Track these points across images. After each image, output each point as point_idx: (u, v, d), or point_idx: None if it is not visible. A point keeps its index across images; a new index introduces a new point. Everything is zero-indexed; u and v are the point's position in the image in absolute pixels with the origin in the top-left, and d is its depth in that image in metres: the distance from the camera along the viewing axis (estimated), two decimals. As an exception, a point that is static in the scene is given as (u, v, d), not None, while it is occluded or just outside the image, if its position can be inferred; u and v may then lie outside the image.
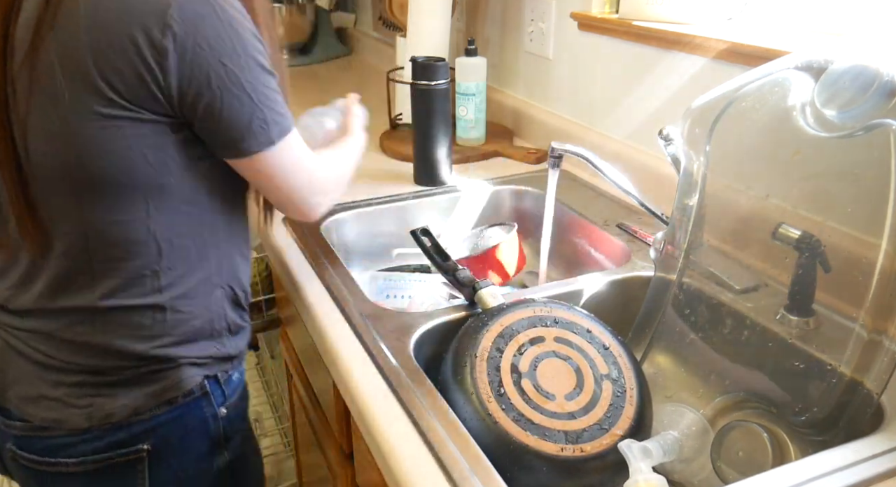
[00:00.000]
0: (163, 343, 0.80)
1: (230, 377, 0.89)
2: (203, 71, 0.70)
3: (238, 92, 0.73)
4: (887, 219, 0.63)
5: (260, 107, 0.75)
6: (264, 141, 0.77)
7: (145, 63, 0.69)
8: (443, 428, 0.68)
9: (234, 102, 0.73)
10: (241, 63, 0.72)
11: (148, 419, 0.81)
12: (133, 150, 0.72)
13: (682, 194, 0.83)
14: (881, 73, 0.62)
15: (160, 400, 0.81)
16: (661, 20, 1.14)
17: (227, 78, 0.72)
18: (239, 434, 0.92)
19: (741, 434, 0.72)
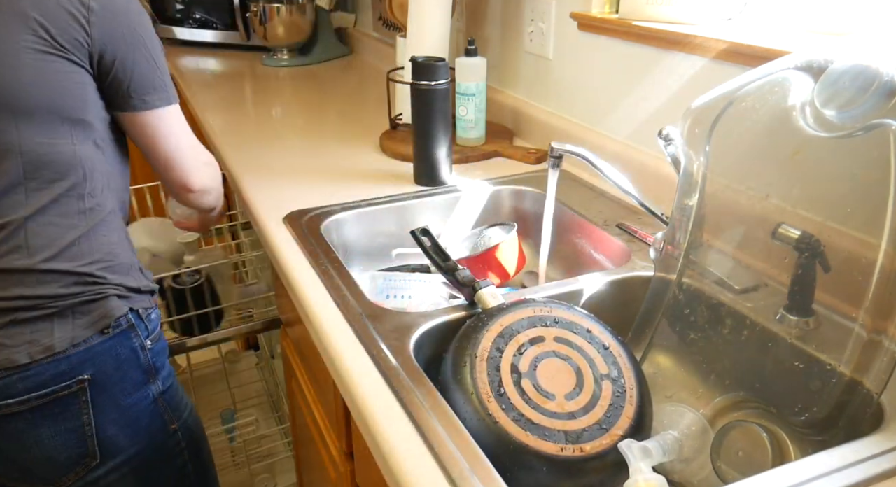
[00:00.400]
0: (90, 263, 0.90)
1: (149, 314, 1.00)
2: (119, 31, 0.89)
3: (146, 54, 0.92)
4: (887, 219, 0.63)
5: (161, 74, 0.94)
6: (165, 98, 0.95)
7: (74, 16, 0.86)
8: (443, 428, 0.68)
9: (142, 61, 0.92)
10: (150, 36, 0.93)
11: (85, 349, 0.90)
12: (60, 83, 0.87)
13: (682, 194, 0.83)
14: (881, 72, 0.62)
15: (94, 330, 0.90)
16: (661, 20, 1.14)
17: (138, 41, 0.91)
18: (165, 368, 1.03)
19: (741, 434, 0.72)
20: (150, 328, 1.00)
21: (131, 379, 0.97)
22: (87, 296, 0.91)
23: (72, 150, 0.90)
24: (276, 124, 1.74)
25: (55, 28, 0.85)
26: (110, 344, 0.93)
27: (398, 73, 1.56)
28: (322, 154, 1.48)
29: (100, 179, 0.94)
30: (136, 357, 0.97)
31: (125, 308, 0.95)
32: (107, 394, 0.94)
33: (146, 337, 0.98)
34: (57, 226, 0.89)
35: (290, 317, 1.25)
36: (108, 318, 0.92)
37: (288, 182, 1.31)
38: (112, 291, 0.93)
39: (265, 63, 2.45)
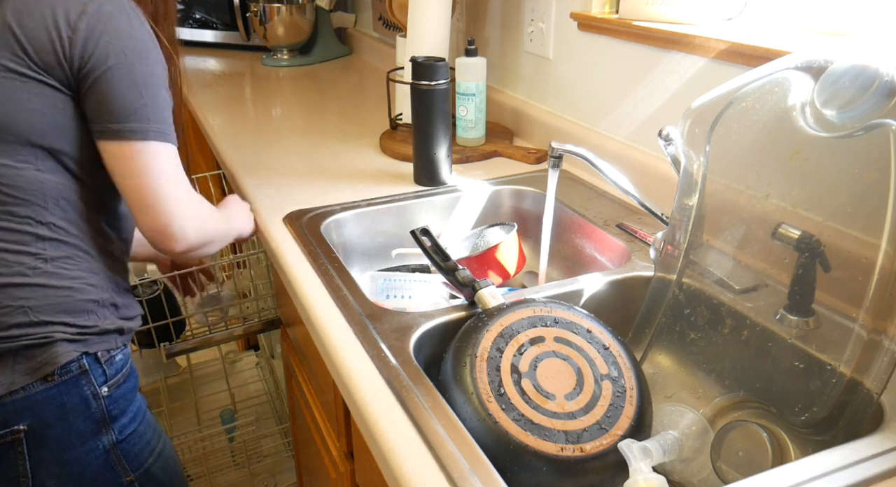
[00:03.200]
0: (37, 299, 0.81)
1: (112, 357, 0.89)
2: (103, 51, 0.80)
3: (130, 78, 0.82)
4: (887, 219, 0.63)
5: (148, 104, 0.83)
6: (140, 131, 0.82)
7: (58, 33, 0.79)
8: (443, 428, 0.68)
9: (123, 85, 0.81)
10: (143, 62, 0.83)
11: (23, 397, 0.80)
12: (31, 105, 0.81)
13: (682, 194, 0.83)
14: (881, 73, 0.62)
15: (35, 377, 0.81)
16: (661, 20, 1.14)
17: (124, 63, 0.81)
18: (127, 414, 0.92)
19: (741, 434, 0.72)
20: (111, 372, 0.89)
21: (77, 431, 0.86)
22: (29, 339, 0.81)
23: (34, 176, 0.82)
24: (276, 124, 1.74)
25: (34, 46, 0.79)
26: (54, 393, 0.83)
27: (398, 73, 1.56)
28: (322, 154, 1.48)
29: (71, 211, 0.85)
30: (87, 406, 0.86)
31: (76, 352, 0.84)
32: (46, 447, 0.84)
33: (103, 383, 0.87)
34: (7, 252, 0.81)
35: (290, 317, 1.25)
36: (52, 365, 0.82)
37: (288, 182, 1.31)
38: (60, 335, 0.83)
39: (265, 63, 2.45)
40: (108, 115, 0.82)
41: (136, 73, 0.82)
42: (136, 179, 0.83)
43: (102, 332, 0.87)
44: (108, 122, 0.82)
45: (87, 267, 0.87)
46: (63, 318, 0.83)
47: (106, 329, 0.87)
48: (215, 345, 1.45)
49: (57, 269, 0.83)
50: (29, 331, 0.81)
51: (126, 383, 0.92)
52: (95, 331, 0.86)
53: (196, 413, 1.81)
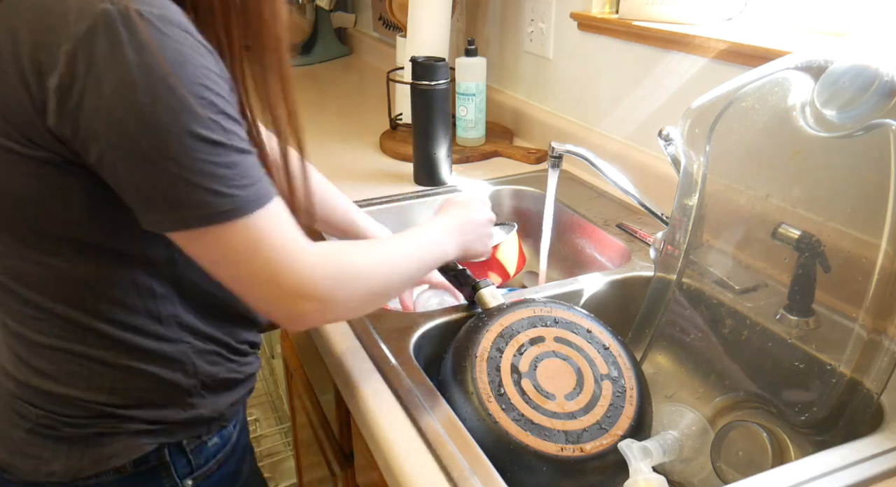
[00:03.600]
0: (101, 398, 0.68)
1: (203, 443, 0.73)
2: (92, 123, 0.54)
3: (141, 157, 0.55)
4: (887, 219, 0.63)
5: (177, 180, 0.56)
6: (176, 221, 0.58)
7: (32, 100, 0.55)
8: (443, 428, 0.68)
9: (134, 168, 0.56)
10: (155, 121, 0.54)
11: (93, 485, 0.70)
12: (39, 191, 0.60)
13: (682, 194, 0.83)
14: (881, 73, 0.62)
15: (104, 467, 0.69)
16: (661, 20, 1.14)
17: (127, 137, 0.54)
18: None
19: (741, 434, 0.72)
20: (198, 462, 0.73)
21: None
22: (97, 428, 0.68)
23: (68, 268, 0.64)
24: (276, 124, 1.74)
25: (14, 121, 0.57)
26: (127, 483, 0.70)
27: (398, 73, 1.56)
28: (322, 154, 1.48)
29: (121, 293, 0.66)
30: None
31: (154, 444, 0.70)
32: None
33: (187, 474, 0.72)
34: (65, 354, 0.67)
35: (290, 317, 1.24)
36: (125, 457, 0.69)
37: (288, 182, 1.31)
38: (134, 426, 0.69)
39: (265, 63, 2.44)
40: (134, 205, 0.59)
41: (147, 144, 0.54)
42: (212, 270, 0.63)
43: (188, 422, 0.72)
44: (138, 213, 0.60)
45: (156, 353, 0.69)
46: (133, 410, 0.69)
47: (193, 418, 0.72)
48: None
49: (114, 362, 0.68)
50: (94, 421, 0.69)
51: (221, 470, 0.76)
52: (179, 421, 0.71)
53: (196, 413, 1.81)
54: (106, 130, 0.54)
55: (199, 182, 0.56)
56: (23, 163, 0.58)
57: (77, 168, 0.58)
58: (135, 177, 0.56)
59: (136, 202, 0.59)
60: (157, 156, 0.55)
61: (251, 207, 0.59)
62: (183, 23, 0.56)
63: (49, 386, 0.68)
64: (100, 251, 0.64)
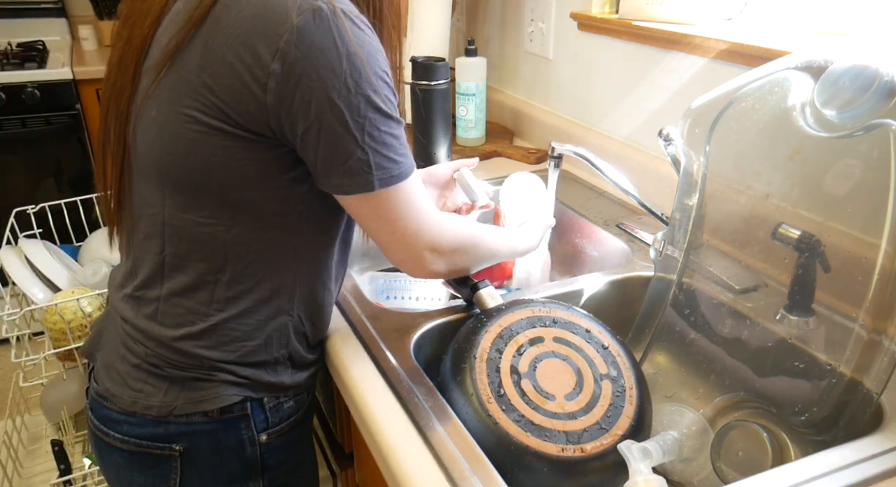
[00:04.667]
0: (208, 349, 0.78)
1: (280, 404, 0.84)
2: (305, 99, 0.67)
3: (340, 129, 0.68)
4: (887, 219, 0.63)
5: (365, 148, 0.70)
6: (363, 184, 0.71)
7: (252, 79, 0.67)
8: (443, 429, 0.68)
9: (332, 137, 0.69)
10: (353, 101, 0.68)
11: (183, 422, 0.80)
12: (220, 159, 0.71)
13: (682, 194, 0.83)
14: (881, 73, 0.62)
15: (196, 409, 0.80)
16: (661, 20, 1.14)
17: (330, 112, 0.67)
18: (284, 465, 0.87)
19: (741, 434, 0.72)
20: (274, 420, 0.83)
21: (227, 469, 0.83)
22: (195, 372, 0.79)
23: (216, 231, 0.75)
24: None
25: (223, 97, 0.68)
26: (212, 428, 0.81)
27: (398, 73, 1.56)
28: (322, 154, 1.48)
29: (257, 264, 0.77)
30: (241, 449, 0.83)
31: (239, 397, 0.80)
32: (197, 473, 0.83)
33: (263, 429, 0.83)
34: (188, 311, 0.78)
35: (290, 317, 1.25)
36: (213, 404, 0.79)
37: (288, 182, 1.31)
38: (226, 377, 0.80)
39: (265, 63, 2.44)
40: (323, 172, 0.72)
41: (346, 120, 0.68)
42: (372, 224, 0.76)
43: (272, 385, 0.83)
44: (323, 176, 0.72)
45: (264, 323, 0.80)
46: (230, 366, 0.80)
47: (276, 383, 0.83)
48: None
49: (231, 324, 0.79)
50: (195, 366, 0.79)
51: (290, 433, 0.86)
52: (265, 382, 0.82)
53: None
54: (316, 107, 0.67)
55: (379, 150, 0.71)
56: (223, 137, 0.70)
57: (274, 142, 0.71)
58: (331, 146, 0.69)
59: (325, 169, 0.71)
60: (354, 128, 0.69)
61: (409, 172, 0.74)
62: (364, 18, 0.69)
63: (163, 332, 0.78)
64: (262, 219, 0.76)
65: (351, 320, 0.86)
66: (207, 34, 0.68)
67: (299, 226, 0.78)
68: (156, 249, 0.77)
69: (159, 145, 0.73)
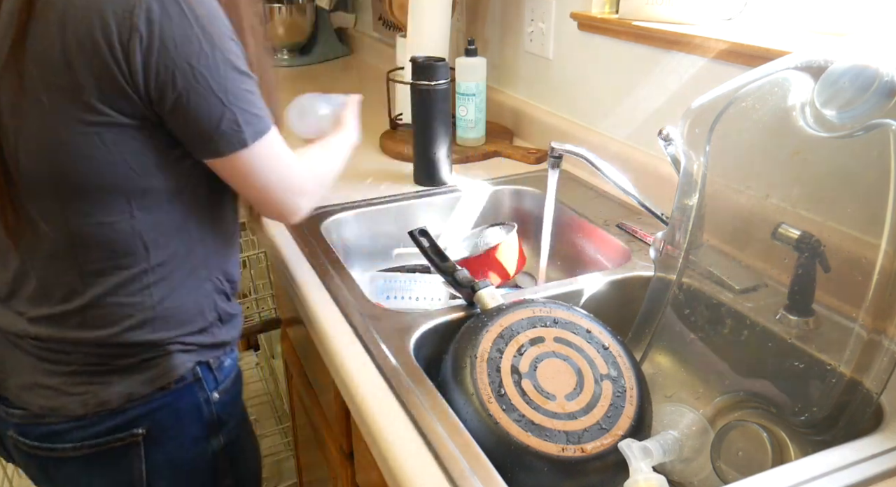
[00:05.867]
0: (154, 333, 0.82)
1: (222, 363, 0.90)
2: (169, 70, 0.70)
3: (206, 93, 0.72)
4: (887, 219, 0.63)
5: (231, 108, 0.74)
6: (236, 142, 0.76)
7: (115, 62, 0.69)
8: (443, 428, 0.68)
9: (201, 103, 0.73)
10: (210, 63, 0.72)
11: (142, 404, 0.83)
12: (114, 156, 0.73)
13: (682, 194, 0.83)
14: (881, 73, 0.62)
15: (153, 387, 0.84)
16: (661, 20, 1.14)
17: (193, 78, 0.71)
18: (233, 418, 0.94)
19: (741, 434, 0.72)
20: (221, 377, 0.90)
21: (190, 435, 0.89)
22: (148, 354, 0.83)
23: (129, 226, 0.77)
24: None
25: (99, 91, 0.70)
26: (170, 399, 0.85)
27: (398, 73, 1.56)
28: (322, 154, 1.48)
29: (173, 242, 0.82)
30: (199, 411, 0.88)
31: (191, 363, 0.86)
32: (162, 450, 0.87)
33: (214, 388, 0.89)
34: (122, 306, 0.80)
35: (290, 317, 1.25)
36: (170, 376, 0.84)
37: (288, 182, 1.31)
38: (175, 348, 0.84)
39: (265, 63, 2.45)
40: (199, 138, 0.75)
41: (209, 83, 0.72)
42: (247, 181, 0.81)
43: (213, 345, 0.89)
44: (201, 147, 0.76)
45: (197, 289, 0.85)
46: (177, 336, 0.84)
47: (216, 342, 0.89)
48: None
49: (167, 298, 0.82)
50: (146, 348, 0.83)
51: (233, 387, 0.94)
52: (206, 342, 0.88)
53: (196, 413, 1.81)
54: (180, 76, 0.71)
55: (244, 107, 0.75)
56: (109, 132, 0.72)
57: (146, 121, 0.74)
58: (201, 112, 0.73)
59: (199, 136, 0.75)
60: (218, 91, 0.73)
61: (271, 124, 0.79)
62: None
63: (99, 334, 0.80)
64: (164, 201, 0.79)
65: (351, 320, 0.86)
66: (55, 30, 0.69)
67: (197, 197, 0.83)
68: (67, 265, 0.78)
69: (48, 158, 0.73)
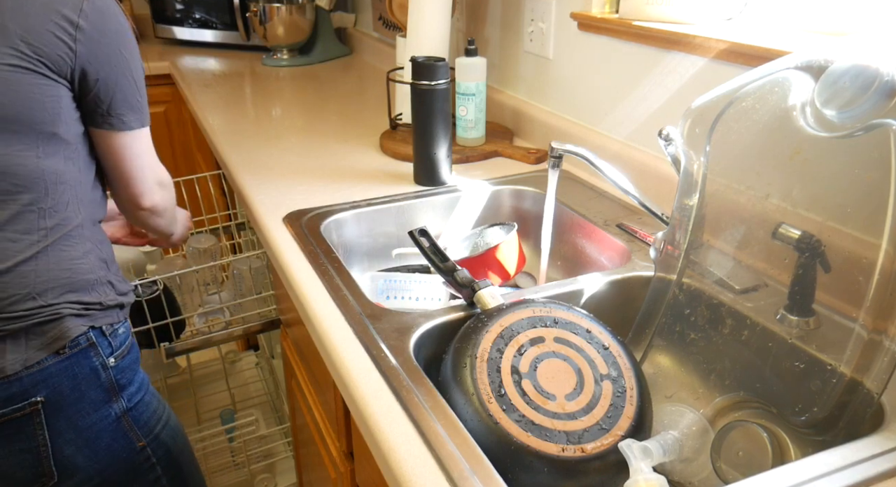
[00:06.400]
0: (44, 281, 0.87)
1: (116, 330, 0.97)
2: (105, 51, 0.89)
3: (129, 76, 0.92)
4: (887, 219, 0.63)
5: (140, 96, 0.95)
6: (140, 120, 0.96)
7: (60, 36, 0.85)
8: (443, 428, 0.68)
9: (124, 83, 0.92)
10: (134, 58, 0.93)
11: (38, 370, 0.87)
12: (32, 95, 0.86)
13: (682, 194, 0.83)
14: (881, 72, 0.62)
15: (49, 351, 0.88)
16: (661, 20, 1.14)
17: (122, 63, 0.91)
18: (132, 384, 1.00)
19: (741, 434, 0.72)
20: (116, 344, 0.97)
21: (90, 400, 0.93)
22: (41, 317, 0.87)
23: (35, 164, 0.87)
24: (276, 124, 1.74)
25: (38, 45, 0.84)
26: (66, 365, 0.89)
27: (398, 73, 1.56)
28: (322, 154, 1.48)
29: (67, 193, 0.92)
30: (97, 376, 0.93)
31: (84, 326, 0.92)
32: (63, 416, 0.91)
33: (109, 354, 0.95)
34: (14, 242, 0.87)
35: (290, 317, 1.25)
36: (64, 339, 0.89)
37: (288, 182, 1.31)
38: (68, 310, 0.90)
39: (265, 63, 2.45)
40: (112, 110, 0.91)
41: (132, 68, 0.92)
42: (127, 160, 0.97)
43: (105, 307, 0.94)
44: (111, 116, 0.92)
45: (83, 248, 0.93)
46: (68, 297, 0.89)
47: (107, 304, 0.94)
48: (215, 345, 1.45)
49: (58, 252, 0.89)
50: (39, 311, 0.87)
51: (130, 354, 0.99)
52: (98, 307, 0.93)
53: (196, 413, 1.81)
54: (114, 57, 0.90)
55: (144, 95, 0.97)
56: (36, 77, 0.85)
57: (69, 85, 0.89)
58: (122, 88, 0.92)
59: (116, 107, 0.92)
60: (136, 76, 0.94)
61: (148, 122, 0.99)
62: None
63: None
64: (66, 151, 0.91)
65: (351, 320, 0.86)
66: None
67: (88, 164, 0.95)
68: None
69: None
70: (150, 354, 1.53)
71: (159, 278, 1.32)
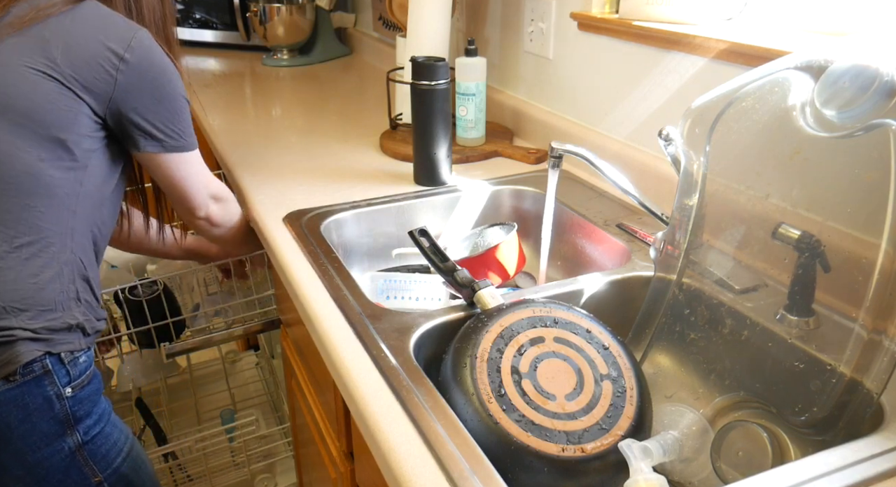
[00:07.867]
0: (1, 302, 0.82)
1: (76, 358, 0.89)
2: (147, 81, 0.94)
3: (169, 106, 0.98)
4: (887, 219, 0.63)
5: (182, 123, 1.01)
6: (183, 145, 1.01)
7: (107, 60, 0.90)
8: (443, 428, 0.68)
9: (164, 111, 0.97)
10: (174, 89, 0.98)
11: None
12: (51, 97, 0.87)
13: (682, 194, 0.83)
14: (881, 72, 0.62)
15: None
16: (661, 20, 1.14)
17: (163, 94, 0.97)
18: (90, 416, 0.91)
19: (741, 434, 0.72)
20: (75, 373, 0.88)
21: (40, 432, 0.85)
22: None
23: (35, 164, 0.87)
24: (276, 124, 1.74)
25: (78, 65, 0.88)
26: (16, 393, 0.82)
27: (398, 73, 1.56)
28: (322, 154, 1.48)
29: (56, 208, 0.89)
30: (50, 406, 0.85)
31: (39, 351, 0.84)
32: (10, 450, 0.83)
33: (67, 383, 0.87)
34: None
35: (290, 317, 1.25)
36: (14, 364, 0.82)
37: (288, 182, 1.31)
38: (22, 334, 0.83)
39: (265, 63, 2.45)
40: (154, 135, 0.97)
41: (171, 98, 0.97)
42: (177, 181, 1.04)
43: (65, 328, 0.87)
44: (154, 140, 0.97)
45: (55, 269, 0.89)
46: (22, 317, 0.83)
47: (68, 323, 0.88)
48: (215, 345, 1.45)
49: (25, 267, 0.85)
50: None
51: (90, 385, 0.92)
52: (58, 327, 0.86)
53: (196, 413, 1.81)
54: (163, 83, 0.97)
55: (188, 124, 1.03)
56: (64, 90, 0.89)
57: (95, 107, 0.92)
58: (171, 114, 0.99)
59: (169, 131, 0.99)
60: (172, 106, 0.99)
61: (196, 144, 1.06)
62: None
63: None
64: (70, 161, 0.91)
65: (351, 320, 0.86)
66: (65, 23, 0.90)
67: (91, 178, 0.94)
68: None
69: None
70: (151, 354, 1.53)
71: (159, 278, 1.32)
